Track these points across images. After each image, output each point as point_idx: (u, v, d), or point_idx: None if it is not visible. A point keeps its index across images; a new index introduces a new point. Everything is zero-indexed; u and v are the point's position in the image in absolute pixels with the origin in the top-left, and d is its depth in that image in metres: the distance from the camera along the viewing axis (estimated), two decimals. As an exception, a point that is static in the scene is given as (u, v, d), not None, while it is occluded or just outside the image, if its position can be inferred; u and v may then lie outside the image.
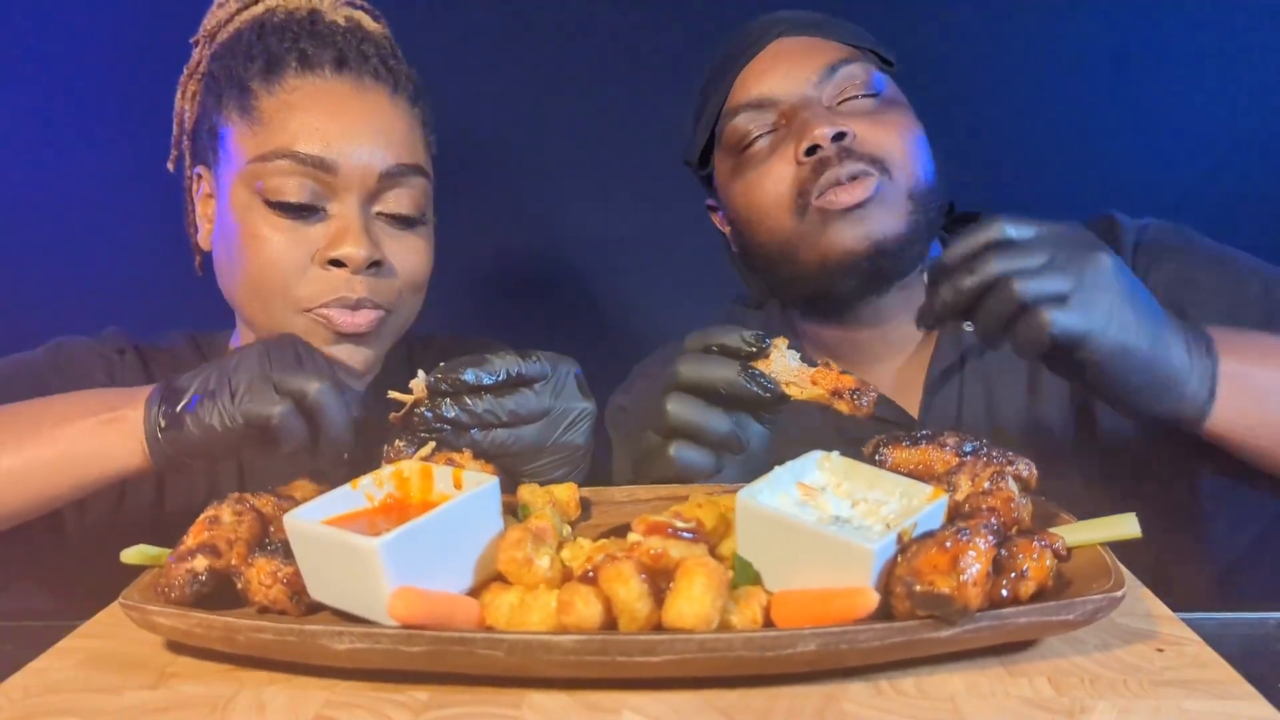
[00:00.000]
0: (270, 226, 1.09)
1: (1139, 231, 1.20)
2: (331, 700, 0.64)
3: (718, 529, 0.76)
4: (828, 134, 1.12)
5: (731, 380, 0.87)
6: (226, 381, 0.88)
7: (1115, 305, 0.82)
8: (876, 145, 1.13)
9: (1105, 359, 0.82)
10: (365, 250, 1.09)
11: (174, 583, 0.73)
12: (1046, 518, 0.81)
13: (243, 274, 1.11)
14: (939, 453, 0.80)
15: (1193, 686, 0.62)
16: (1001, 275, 0.80)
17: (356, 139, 1.10)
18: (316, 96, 1.12)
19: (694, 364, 0.89)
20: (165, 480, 1.20)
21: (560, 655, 0.62)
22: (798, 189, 1.15)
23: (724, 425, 0.89)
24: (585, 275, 1.92)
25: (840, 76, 1.17)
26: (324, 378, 0.87)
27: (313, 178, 1.09)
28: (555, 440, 0.96)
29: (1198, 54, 1.74)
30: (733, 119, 1.21)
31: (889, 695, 0.63)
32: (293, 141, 1.09)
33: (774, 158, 1.18)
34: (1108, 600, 0.65)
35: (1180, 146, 1.77)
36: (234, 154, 1.13)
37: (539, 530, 0.73)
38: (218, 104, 1.15)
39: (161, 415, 0.89)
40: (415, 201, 1.15)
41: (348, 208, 1.10)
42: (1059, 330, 0.78)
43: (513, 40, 1.81)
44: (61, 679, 0.69)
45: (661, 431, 0.90)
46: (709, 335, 0.90)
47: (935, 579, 0.61)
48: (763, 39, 1.21)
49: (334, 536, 0.68)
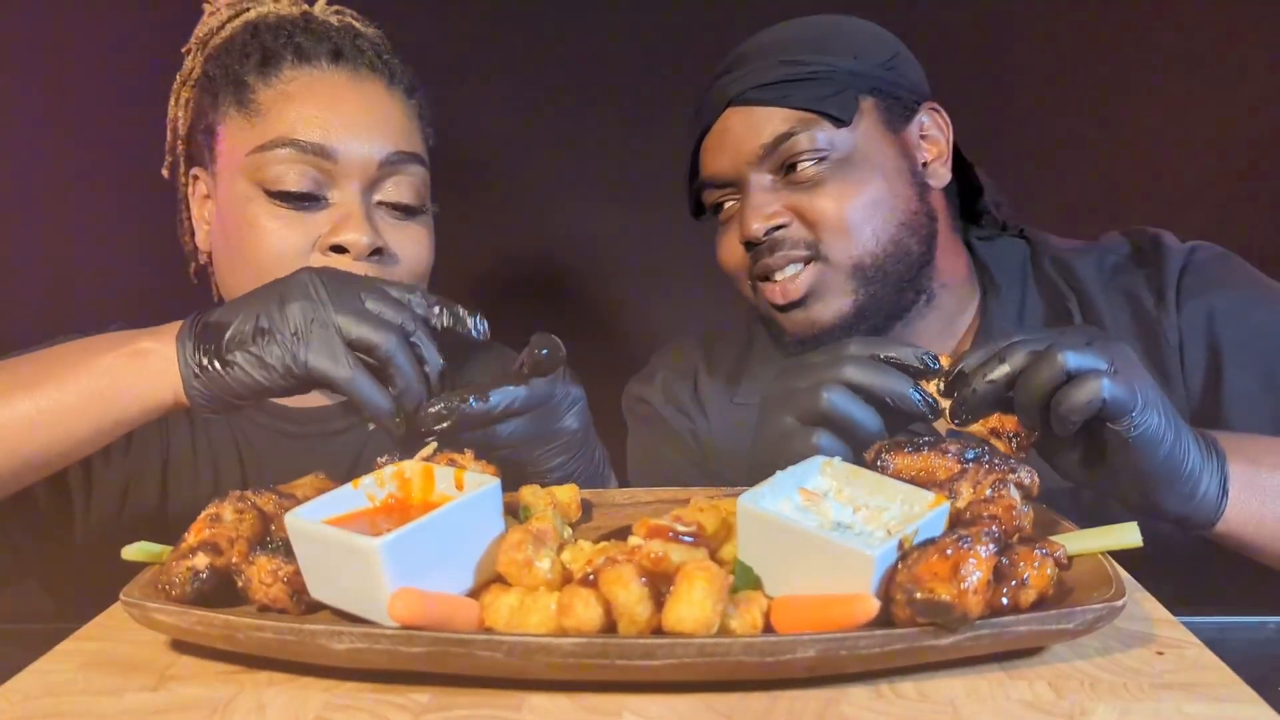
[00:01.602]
0: (271, 216, 1.09)
1: (1188, 255, 1.20)
2: (331, 702, 0.64)
3: (719, 533, 0.76)
4: (758, 231, 1.16)
5: (903, 395, 0.88)
6: (284, 319, 0.81)
7: (1149, 388, 0.82)
8: (813, 224, 1.15)
9: (1139, 437, 0.81)
10: (368, 237, 1.09)
11: (174, 580, 0.73)
12: (1048, 525, 0.81)
13: (245, 267, 1.11)
14: (941, 459, 0.80)
15: (1193, 690, 0.62)
16: (1050, 346, 0.80)
17: (355, 127, 1.11)
18: (314, 87, 1.12)
19: (866, 370, 0.90)
20: (168, 479, 1.20)
21: (560, 658, 0.62)
22: (747, 271, 1.22)
23: (877, 424, 0.90)
24: (585, 275, 1.92)
25: (783, 150, 1.16)
26: (393, 330, 0.82)
27: (313, 165, 1.09)
28: (552, 429, 0.96)
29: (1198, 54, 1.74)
30: (702, 187, 1.26)
31: (889, 699, 0.63)
32: (291, 130, 1.09)
33: (731, 231, 1.24)
34: (1108, 609, 0.65)
35: (1180, 147, 1.77)
36: (232, 149, 1.13)
37: (540, 532, 0.73)
38: (214, 103, 1.16)
39: (202, 353, 0.82)
40: (415, 190, 1.16)
41: (349, 195, 1.11)
42: (1109, 394, 0.78)
43: (514, 42, 1.81)
44: (61, 681, 0.69)
45: (808, 419, 0.91)
46: (877, 345, 0.91)
47: (936, 586, 0.61)
48: (716, 108, 1.21)
49: (335, 536, 0.68)
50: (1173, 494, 0.86)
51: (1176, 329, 1.17)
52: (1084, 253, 1.27)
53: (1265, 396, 1.12)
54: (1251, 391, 1.13)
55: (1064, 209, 1.74)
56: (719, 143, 1.21)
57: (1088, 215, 1.74)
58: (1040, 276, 1.27)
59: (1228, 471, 0.87)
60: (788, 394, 0.93)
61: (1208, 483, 0.86)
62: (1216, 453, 0.88)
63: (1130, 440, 0.81)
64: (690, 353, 1.39)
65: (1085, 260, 1.25)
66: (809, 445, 0.90)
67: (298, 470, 0.92)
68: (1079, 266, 1.25)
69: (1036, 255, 1.28)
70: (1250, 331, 1.12)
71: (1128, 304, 1.21)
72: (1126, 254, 1.25)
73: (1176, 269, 1.17)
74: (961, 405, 0.85)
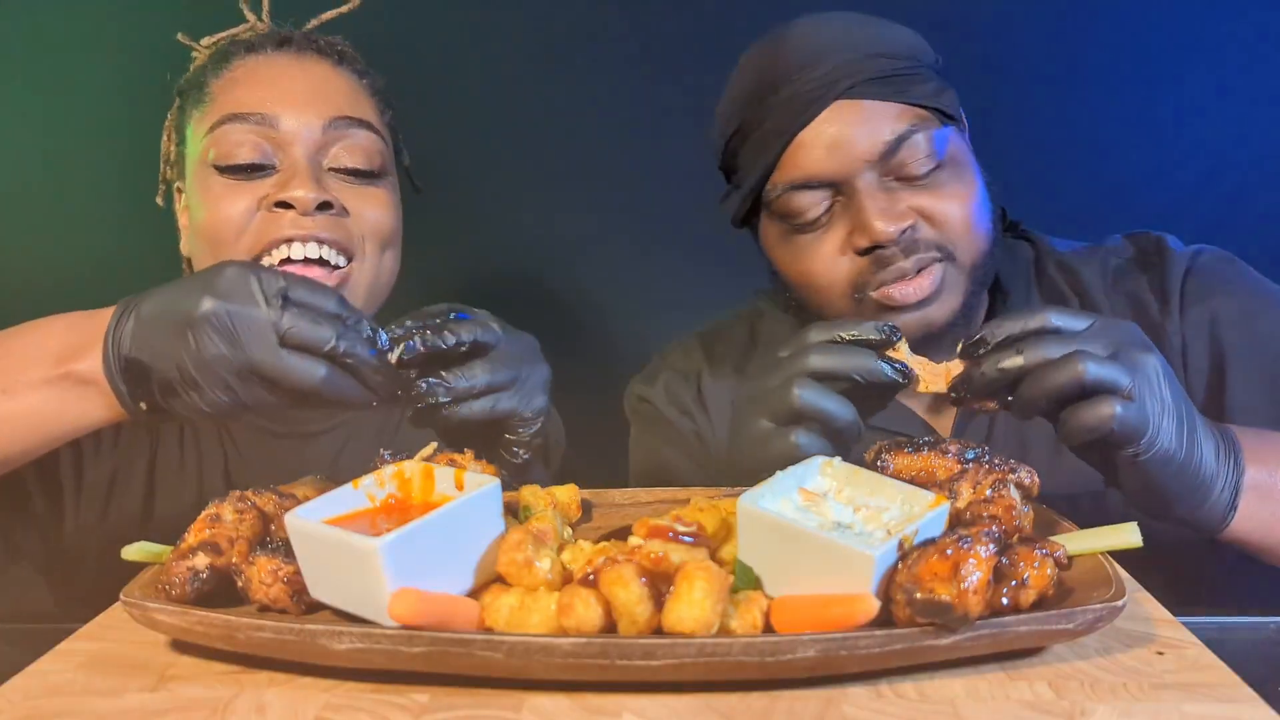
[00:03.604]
0: (223, 187, 1.14)
1: (1191, 258, 1.19)
2: (331, 703, 0.64)
3: (719, 533, 0.76)
4: (893, 233, 1.08)
5: (870, 367, 0.87)
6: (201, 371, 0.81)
7: (1163, 411, 0.81)
8: (940, 225, 1.10)
9: (1145, 461, 0.81)
10: (313, 192, 1.12)
11: (175, 580, 0.73)
12: (1048, 525, 0.81)
13: (199, 238, 1.15)
14: (941, 460, 0.80)
15: (1193, 690, 0.62)
16: (1073, 353, 0.79)
17: (295, 95, 1.16)
18: (257, 70, 1.19)
19: (827, 354, 0.88)
20: (155, 474, 1.21)
21: (559, 658, 0.62)
22: (855, 281, 1.13)
23: (850, 414, 0.89)
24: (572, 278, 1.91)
25: (904, 151, 1.09)
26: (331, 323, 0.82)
27: (257, 135, 1.14)
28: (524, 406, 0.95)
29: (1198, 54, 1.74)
30: (784, 193, 1.13)
31: (889, 698, 0.63)
32: (235, 106, 1.15)
33: (827, 241, 1.13)
34: (1108, 610, 0.65)
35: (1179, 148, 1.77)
36: (194, 139, 1.18)
37: (540, 532, 0.73)
38: (182, 112, 1.22)
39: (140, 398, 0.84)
40: (367, 154, 1.19)
41: (293, 158, 1.15)
42: (1119, 425, 0.77)
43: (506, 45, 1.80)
44: (61, 681, 0.69)
45: (782, 419, 0.90)
46: (837, 327, 0.90)
47: (936, 586, 0.61)
48: (820, 99, 1.10)
49: (335, 536, 0.68)
50: (1181, 503, 0.86)
51: (1180, 333, 1.17)
52: (1087, 256, 1.27)
53: (1268, 400, 1.12)
54: (1254, 395, 1.13)
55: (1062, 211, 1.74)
56: (825, 140, 1.10)
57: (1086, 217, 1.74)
58: (1043, 279, 1.26)
59: (1242, 479, 0.87)
60: (760, 394, 0.92)
61: (1219, 491, 0.86)
62: (1235, 460, 0.87)
63: (1138, 464, 0.81)
64: (692, 353, 1.38)
65: (1088, 263, 1.25)
66: (788, 445, 0.88)
67: (280, 469, 0.92)
68: (1082, 269, 1.24)
69: (1040, 258, 1.28)
70: (1254, 336, 1.12)
71: (1131, 307, 1.20)
72: (1130, 257, 1.25)
73: (1180, 272, 1.17)
74: (964, 383, 0.84)
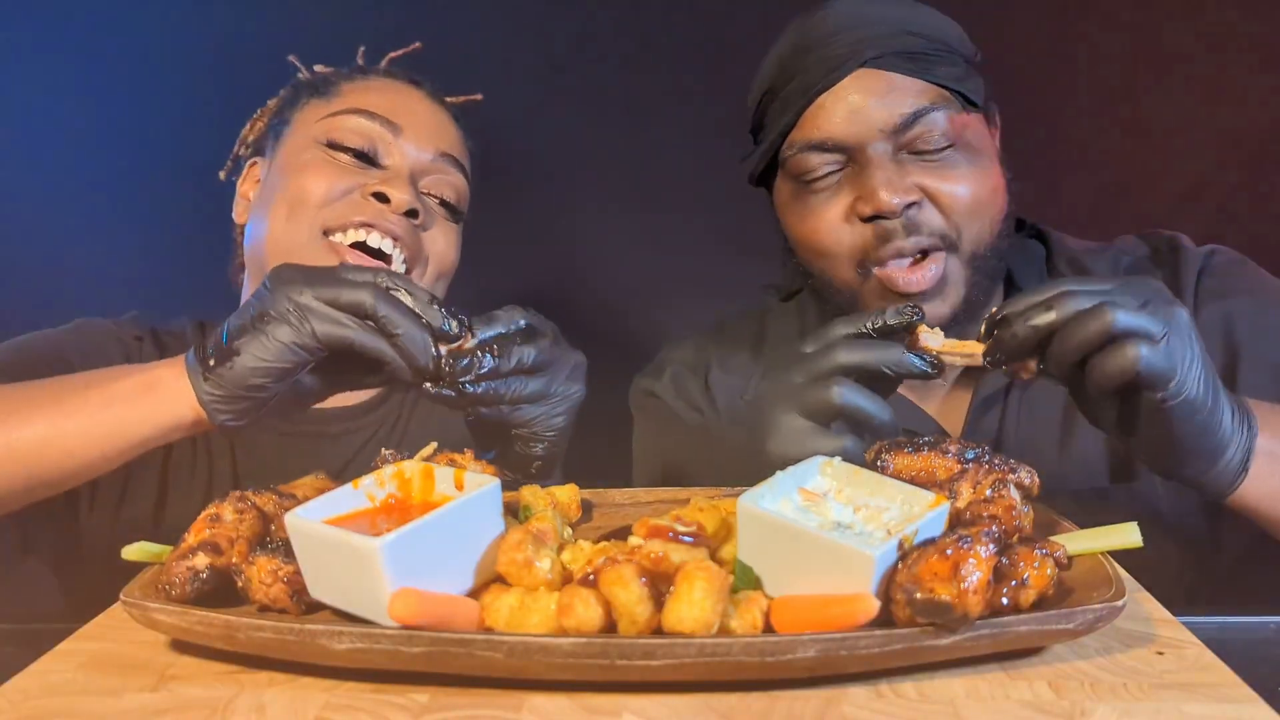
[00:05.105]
0: (324, 160, 1.21)
1: (1205, 258, 1.19)
2: (331, 703, 0.64)
3: (719, 533, 0.76)
4: (897, 205, 1.08)
5: (899, 360, 0.87)
6: (267, 311, 0.83)
7: (1194, 359, 0.81)
8: (945, 208, 1.10)
9: (1173, 407, 0.80)
10: (410, 195, 1.19)
11: (175, 580, 0.73)
12: (1048, 526, 0.81)
13: (280, 199, 1.20)
14: (941, 459, 0.80)
15: (1193, 690, 0.62)
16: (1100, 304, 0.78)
17: (419, 120, 1.27)
18: (391, 89, 1.30)
19: (855, 349, 0.88)
20: (169, 473, 1.21)
21: (559, 658, 0.62)
22: (859, 251, 1.13)
23: (887, 413, 0.88)
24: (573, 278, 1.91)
25: (920, 126, 1.09)
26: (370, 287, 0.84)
27: (377, 132, 1.22)
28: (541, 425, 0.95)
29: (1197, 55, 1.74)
30: (799, 152, 1.15)
31: (889, 698, 0.63)
32: (365, 103, 1.25)
33: (834, 204, 1.14)
34: (1108, 610, 0.65)
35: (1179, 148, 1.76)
36: (304, 122, 1.26)
37: (540, 532, 0.73)
38: (294, 100, 1.29)
39: (207, 353, 0.85)
40: (458, 193, 1.29)
41: (399, 166, 1.23)
42: (1145, 366, 0.77)
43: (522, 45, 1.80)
44: (61, 681, 0.69)
45: (820, 416, 0.89)
46: (860, 320, 0.90)
47: (936, 586, 0.61)
48: (845, 65, 1.11)
49: (335, 536, 0.68)
50: (1196, 460, 0.86)
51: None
52: (1099, 254, 1.26)
53: (1277, 394, 1.12)
54: (1266, 394, 1.13)
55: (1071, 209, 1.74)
56: (844, 105, 1.11)
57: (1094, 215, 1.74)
58: (1055, 275, 1.26)
59: (1254, 445, 0.87)
60: (790, 391, 0.90)
61: (1231, 454, 0.86)
62: (1249, 425, 0.87)
63: (1166, 409, 0.80)
64: (701, 347, 1.37)
65: (1101, 262, 1.25)
66: (830, 445, 0.86)
67: (291, 470, 0.92)
68: (1095, 268, 1.24)
69: (1052, 256, 1.28)
70: (1266, 336, 1.12)
71: None
72: (1143, 256, 1.25)
73: (1194, 272, 1.17)
74: (999, 346, 0.83)
